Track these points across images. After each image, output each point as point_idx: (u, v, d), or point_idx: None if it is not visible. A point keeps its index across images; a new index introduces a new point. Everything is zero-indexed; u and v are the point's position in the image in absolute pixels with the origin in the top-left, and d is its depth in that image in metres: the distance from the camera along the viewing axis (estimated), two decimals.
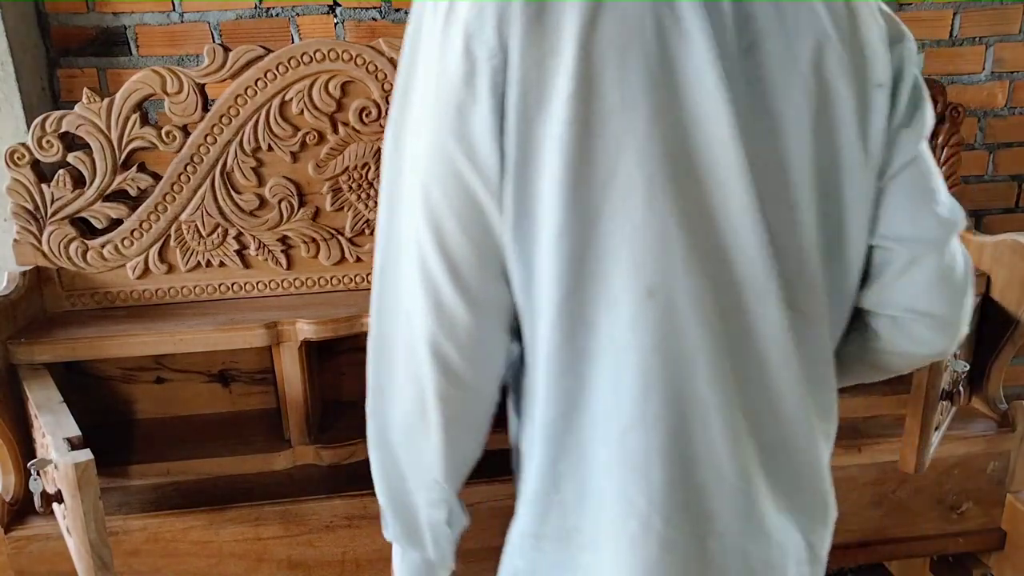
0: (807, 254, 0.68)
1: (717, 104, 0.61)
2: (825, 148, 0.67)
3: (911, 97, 0.71)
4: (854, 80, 0.67)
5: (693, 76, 0.61)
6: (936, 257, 0.72)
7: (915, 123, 0.71)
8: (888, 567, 1.91)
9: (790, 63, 0.64)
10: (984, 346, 1.54)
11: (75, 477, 1.01)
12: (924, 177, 0.72)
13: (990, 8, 1.79)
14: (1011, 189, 1.94)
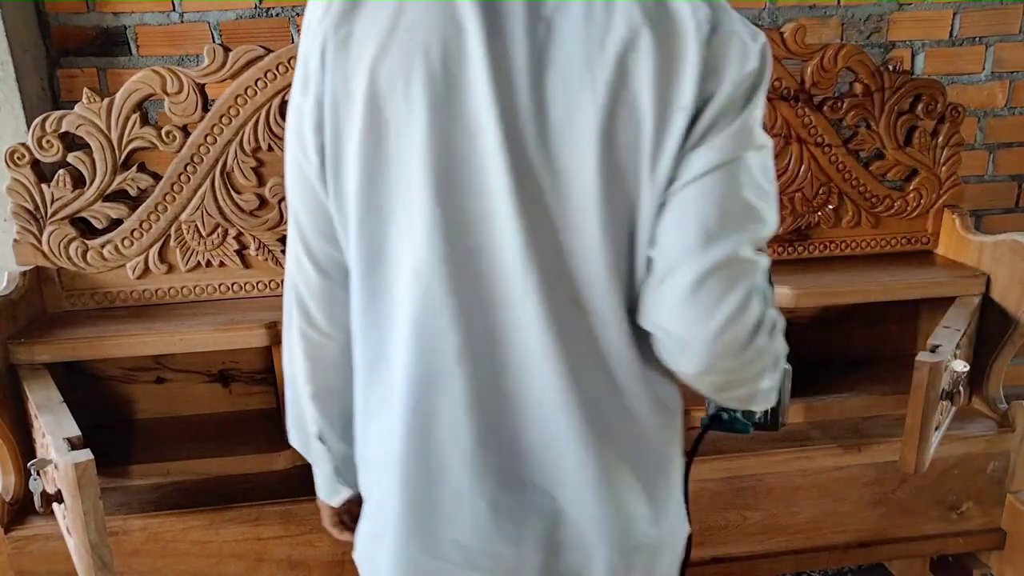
0: (589, 256, 0.73)
1: (488, 119, 0.69)
2: (613, 159, 0.70)
3: (715, 118, 0.70)
4: (658, 100, 0.68)
5: (471, 94, 0.70)
6: (687, 275, 0.70)
7: (710, 142, 0.70)
8: (888, 567, 1.91)
9: (586, 75, 0.68)
10: (984, 346, 1.55)
11: (75, 477, 1.01)
12: (705, 196, 0.70)
13: (990, 8, 1.79)
14: (1011, 189, 1.94)
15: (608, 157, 0.70)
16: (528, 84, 0.69)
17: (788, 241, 1.63)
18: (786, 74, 1.53)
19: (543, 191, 0.71)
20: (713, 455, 1.45)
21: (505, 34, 0.69)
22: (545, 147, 0.70)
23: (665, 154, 0.69)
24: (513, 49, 0.69)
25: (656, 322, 0.74)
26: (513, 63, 0.69)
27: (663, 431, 0.82)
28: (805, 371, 1.68)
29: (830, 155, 1.58)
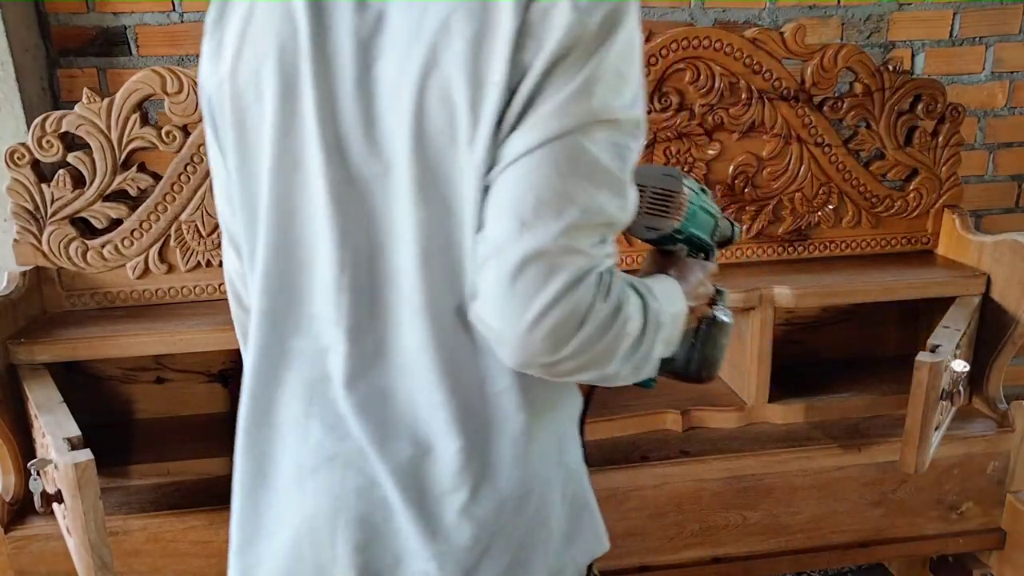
0: (401, 250, 0.71)
1: (311, 121, 0.70)
2: (426, 150, 0.67)
3: (533, 91, 0.64)
4: (469, 79, 0.64)
5: (302, 95, 0.70)
6: (500, 267, 0.65)
7: (530, 119, 0.64)
8: (888, 567, 1.91)
9: (404, 63, 0.67)
10: (984, 346, 1.55)
11: (75, 477, 1.01)
12: (520, 180, 0.64)
13: (990, 8, 1.79)
14: (1011, 189, 1.94)
15: (420, 148, 0.67)
16: (354, 78, 0.69)
17: (788, 241, 1.63)
18: (786, 74, 1.53)
19: (370, 191, 0.71)
20: (713, 455, 1.45)
21: (331, 29, 0.69)
22: (372, 143, 0.70)
23: (480, 136, 0.65)
24: (339, 43, 0.69)
25: (475, 313, 0.69)
26: (338, 58, 0.69)
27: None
28: (805, 371, 1.69)
29: (830, 155, 1.58)
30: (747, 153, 1.56)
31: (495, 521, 0.75)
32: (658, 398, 1.59)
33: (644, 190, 0.87)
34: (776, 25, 1.69)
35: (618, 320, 0.68)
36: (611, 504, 1.42)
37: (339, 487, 0.74)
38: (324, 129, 0.70)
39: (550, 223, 0.64)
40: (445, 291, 0.71)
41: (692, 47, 1.48)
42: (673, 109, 1.51)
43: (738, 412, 1.54)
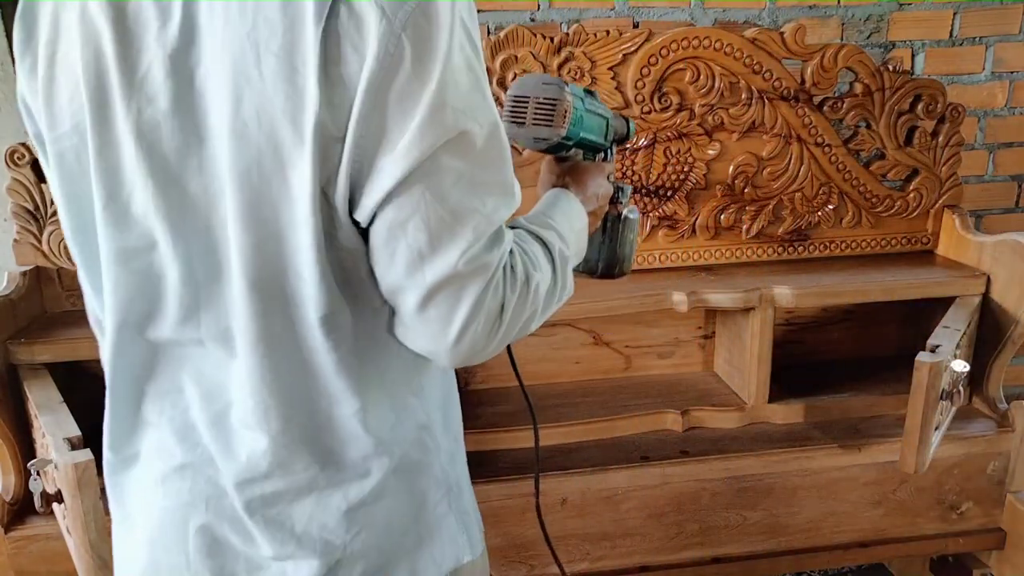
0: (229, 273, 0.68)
1: (128, 139, 0.65)
2: (250, 164, 0.62)
3: (366, 114, 0.59)
4: (287, 93, 0.60)
5: (114, 114, 0.65)
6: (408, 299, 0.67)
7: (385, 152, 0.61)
8: (888, 567, 1.91)
9: (219, 73, 0.62)
10: (984, 346, 1.55)
11: (75, 477, 1.01)
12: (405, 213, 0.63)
13: (990, 8, 1.79)
14: (1011, 189, 1.94)
15: (243, 170, 0.62)
16: (172, 96, 0.63)
17: (788, 241, 1.63)
18: (786, 74, 1.53)
19: (207, 214, 0.66)
20: (713, 455, 1.45)
21: (138, 44, 0.63)
22: (200, 163, 0.65)
23: (305, 156, 0.61)
24: (151, 60, 0.63)
25: (399, 336, 0.71)
26: (152, 75, 0.63)
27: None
28: (805, 371, 1.69)
29: (830, 155, 1.58)
30: (747, 153, 1.56)
31: (347, 528, 0.74)
32: (658, 398, 1.60)
33: (527, 101, 0.86)
34: (776, 25, 1.69)
35: (530, 293, 0.71)
36: (611, 504, 1.42)
37: (188, 494, 0.74)
38: (143, 151, 0.64)
39: (448, 251, 0.64)
40: (277, 320, 0.68)
41: (692, 47, 1.48)
42: (673, 109, 1.51)
43: (738, 412, 1.54)
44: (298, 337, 0.69)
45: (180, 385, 0.75)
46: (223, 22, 0.61)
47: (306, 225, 0.63)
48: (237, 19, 0.60)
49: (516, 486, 1.37)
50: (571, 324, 1.65)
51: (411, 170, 0.61)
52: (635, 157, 1.53)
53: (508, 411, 1.54)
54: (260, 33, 0.60)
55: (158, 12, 0.63)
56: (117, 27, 0.63)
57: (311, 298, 0.67)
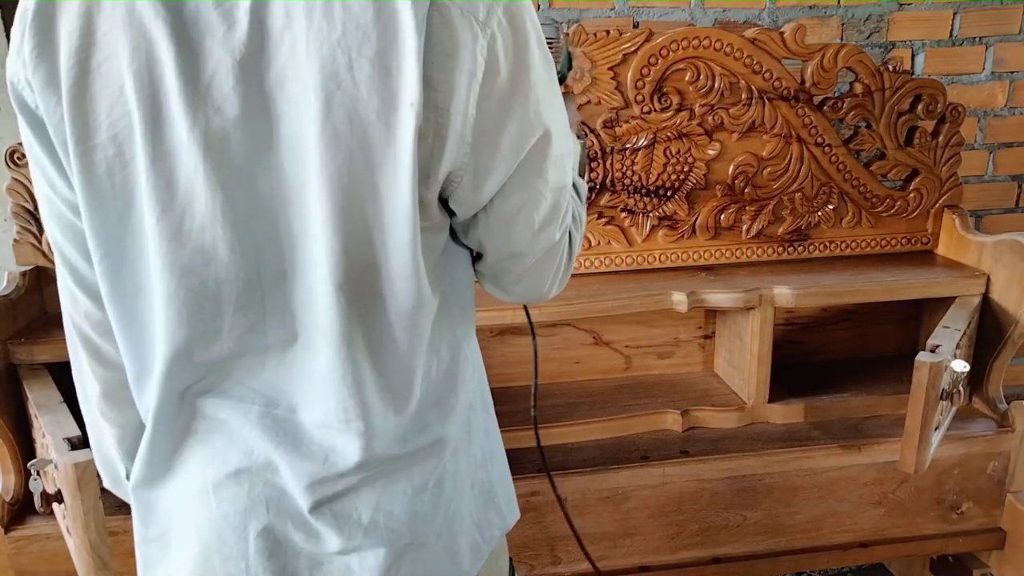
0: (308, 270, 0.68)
1: (191, 145, 0.63)
2: (339, 167, 0.63)
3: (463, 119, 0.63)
4: (382, 97, 0.61)
5: (172, 124, 0.63)
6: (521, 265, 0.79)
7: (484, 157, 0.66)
8: (888, 567, 1.91)
9: (293, 76, 0.62)
10: (984, 346, 1.55)
11: (75, 477, 1.01)
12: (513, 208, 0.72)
13: (990, 8, 1.79)
14: (1011, 189, 1.94)
15: (333, 172, 0.63)
16: (239, 103, 0.62)
17: (788, 241, 1.63)
18: (786, 74, 1.53)
19: (276, 216, 0.66)
20: (713, 455, 1.45)
21: (201, 50, 0.62)
22: (272, 168, 0.65)
23: (401, 158, 0.62)
24: (216, 66, 0.62)
25: (501, 291, 0.84)
26: (216, 81, 0.62)
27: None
28: (805, 371, 1.69)
29: (830, 155, 1.58)
30: (747, 153, 1.56)
31: (412, 513, 0.76)
32: (658, 398, 1.60)
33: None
34: (776, 25, 1.69)
35: (580, 236, 0.84)
36: (611, 504, 1.42)
37: (247, 499, 0.74)
38: (211, 162, 0.63)
39: (552, 225, 0.75)
40: (361, 316, 0.69)
41: (692, 47, 1.48)
42: (673, 109, 1.51)
43: (738, 412, 1.54)
44: (383, 334, 0.71)
45: (236, 394, 0.73)
46: (306, 28, 0.61)
47: (405, 223, 0.65)
48: (324, 25, 0.61)
49: (516, 486, 1.37)
50: (571, 324, 1.65)
51: (516, 166, 0.68)
52: (635, 157, 1.53)
53: (508, 411, 1.54)
54: (352, 39, 0.61)
55: (221, 15, 0.62)
56: (176, 32, 0.61)
57: (404, 292, 0.69)
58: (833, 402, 1.57)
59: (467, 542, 0.82)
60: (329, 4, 0.61)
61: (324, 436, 0.72)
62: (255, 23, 0.62)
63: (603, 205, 1.55)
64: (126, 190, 0.66)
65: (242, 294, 0.68)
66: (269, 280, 0.69)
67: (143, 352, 0.73)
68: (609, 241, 1.57)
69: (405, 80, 0.61)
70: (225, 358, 0.71)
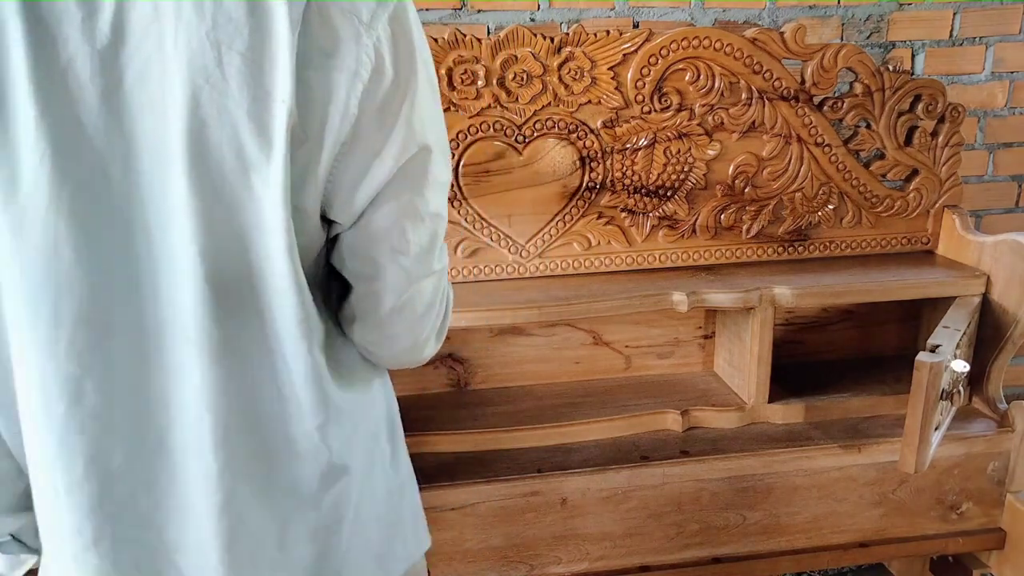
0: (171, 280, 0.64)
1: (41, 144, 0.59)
2: (208, 168, 0.60)
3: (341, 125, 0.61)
4: (252, 94, 0.59)
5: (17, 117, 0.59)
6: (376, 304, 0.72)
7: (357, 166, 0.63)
8: (888, 567, 1.91)
9: (160, 72, 0.59)
10: (984, 346, 1.55)
11: None
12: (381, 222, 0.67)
13: (990, 8, 1.79)
14: (1011, 189, 1.94)
15: (200, 174, 0.60)
16: (99, 96, 0.59)
17: (788, 241, 1.63)
18: (786, 74, 1.53)
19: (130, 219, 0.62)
20: (713, 455, 1.45)
21: (58, 39, 0.58)
22: (130, 169, 0.61)
23: (275, 158, 0.60)
24: (73, 56, 0.59)
25: (354, 338, 0.74)
26: (72, 72, 0.59)
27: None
28: (805, 371, 1.69)
29: (830, 155, 1.58)
30: (747, 153, 1.56)
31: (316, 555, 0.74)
32: (658, 398, 1.60)
33: None
34: (776, 25, 1.69)
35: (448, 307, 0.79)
36: (611, 504, 1.42)
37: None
38: (59, 155, 0.59)
39: (428, 255, 0.70)
40: (243, 328, 0.65)
41: (692, 47, 1.48)
42: (673, 109, 1.51)
43: (738, 412, 1.54)
44: (267, 347, 0.66)
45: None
46: (174, 20, 0.58)
47: (277, 226, 0.61)
48: (194, 18, 0.58)
49: (516, 486, 1.37)
50: (571, 324, 1.65)
51: (394, 175, 0.64)
52: (635, 157, 1.53)
53: (508, 411, 1.54)
54: (222, 32, 0.58)
55: (80, 2, 0.58)
56: (28, 14, 0.57)
57: (285, 304, 0.64)
58: (833, 402, 1.57)
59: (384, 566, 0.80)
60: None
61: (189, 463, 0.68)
62: (119, 12, 0.59)
63: (603, 205, 1.55)
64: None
65: (85, 303, 0.62)
66: (120, 291, 0.63)
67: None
68: (609, 241, 1.57)
69: (278, 76, 0.58)
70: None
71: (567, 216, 1.54)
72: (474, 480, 1.35)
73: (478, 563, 1.39)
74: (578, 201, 1.54)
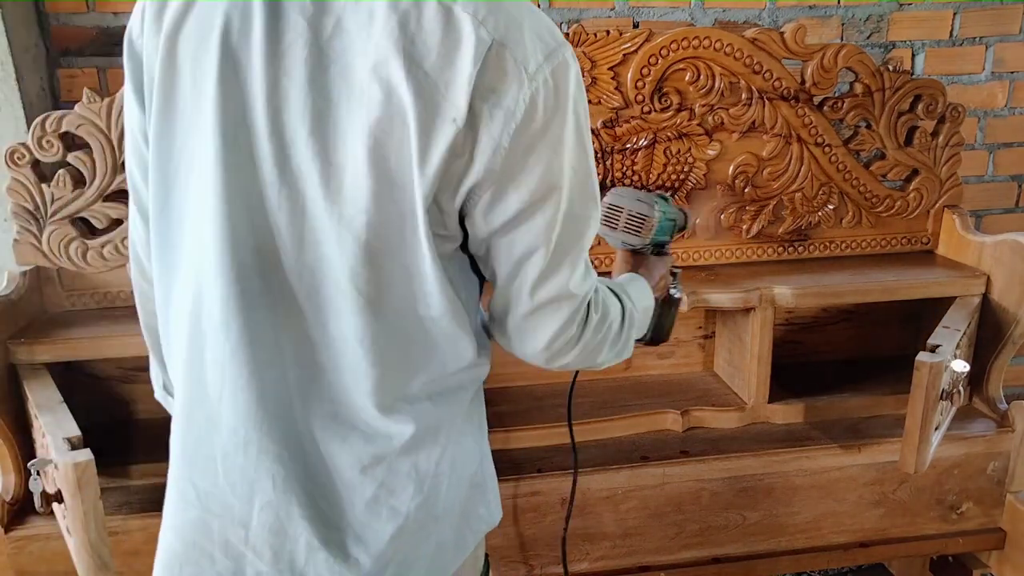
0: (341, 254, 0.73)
1: (258, 99, 0.71)
2: (384, 167, 0.70)
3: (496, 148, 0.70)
4: (428, 105, 0.68)
5: (250, 80, 0.71)
6: (517, 306, 0.80)
7: (512, 180, 0.72)
8: (888, 567, 1.91)
9: (364, 78, 0.69)
10: (984, 346, 1.55)
11: (75, 477, 1.01)
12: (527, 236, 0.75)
13: (990, 8, 1.79)
14: (1011, 189, 1.94)
15: (379, 158, 0.70)
16: (307, 77, 0.70)
17: (788, 241, 1.63)
18: (786, 74, 1.53)
19: (306, 183, 0.72)
20: (713, 455, 1.45)
21: (287, 22, 0.70)
22: (319, 141, 0.71)
23: (431, 164, 0.69)
24: (294, 39, 0.70)
25: (499, 342, 0.86)
26: (292, 53, 0.70)
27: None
28: (805, 371, 1.69)
29: (830, 155, 1.58)
30: (747, 153, 1.56)
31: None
32: (658, 398, 1.60)
33: (620, 211, 1.06)
34: (776, 25, 1.69)
35: (603, 328, 0.85)
36: (611, 504, 1.42)
37: (253, 472, 0.78)
38: (271, 118, 0.71)
39: (558, 276, 0.77)
40: (392, 292, 0.75)
41: (692, 47, 1.48)
42: (673, 109, 1.51)
43: (738, 412, 1.54)
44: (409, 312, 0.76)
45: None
46: (382, 26, 0.68)
47: (421, 217, 0.71)
48: (396, 30, 0.68)
49: (516, 486, 1.38)
50: None
51: (532, 203, 0.73)
52: (635, 157, 1.53)
53: (508, 411, 1.54)
54: (418, 51, 0.68)
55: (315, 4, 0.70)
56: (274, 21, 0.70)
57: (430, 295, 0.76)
58: (833, 402, 1.57)
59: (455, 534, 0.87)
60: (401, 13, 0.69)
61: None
62: (342, 12, 0.69)
63: None
64: (193, 124, 0.73)
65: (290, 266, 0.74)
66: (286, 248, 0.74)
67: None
68: None
69: (453, 98, 0.68)
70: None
71: None
72: None
73: None
74: None
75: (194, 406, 0.79)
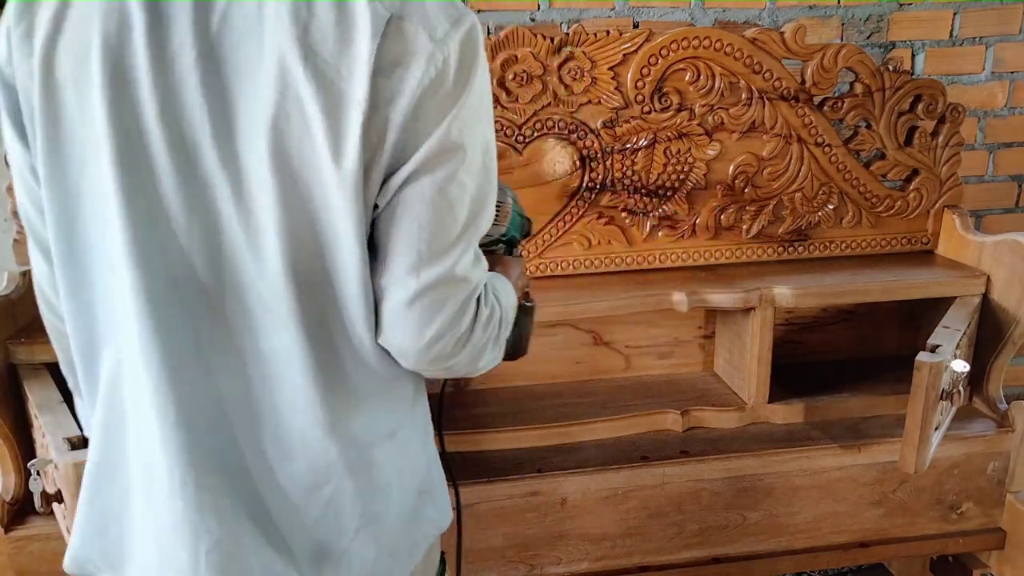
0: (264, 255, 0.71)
1: (151, 113, 0.67)
2: (286, 160, 0.67)
3: (404, 125, 0.67)
4: (329, 92, 0.66)
5: (138, 91, 0.67)
6: (399, 296, 0.73)
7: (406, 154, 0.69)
8: (888, 567, 1.91)
9: (255, 65, 0.66)
10: (984, 346, 1.55)
11: (75, 477, 1.01)
12: (411, 214, 0.71)
13: (990, 8, 1.79)
14: (1011, 189, 1.94)
15: (281, 158, 0.67)
16: (199, 80, 0.66)
17: (788, 241, 1.63)
18: (786, 74, 1.53)
19: (218, 195, 0.69)
20: (713, 455, 1.45)
21: (171, 25, 0.67)
22: (224, 147, 0.68)
23: (347, 153, 0.66)
24: (181, 41, 0.66)
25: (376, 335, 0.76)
26: (181, 56, 0.67)
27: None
28: (805, 371, 1.69)
29: (830, 155, 1.58)
30: (747, 153, 1.56)
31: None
32: (658, 398, 1.60)
33: None
34: (776, 25, 1.69)
35: (490, 326, 0.80)
36: (611, 504, 1.42)
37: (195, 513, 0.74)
38: (169, 130, 0.67)
39: (443, 257, 0.72)
40: (312, 300, 0.72)
41: (692, 47, 1.48)
42: (673, 109, 1.51)
43: (738, 412, 1.54)
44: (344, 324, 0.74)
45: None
46: (274, 22, 0.66)
47: (351, 220, 0.68)
48: (289, 22, 0.65)
49: (516, 486, 1.38)
50: (571, 324, 1.65)
51: (427, 161, 0.69)
52: (635, 157, 1.53)
53: (508, 411, 1.54)
54: (313, 38, 0.65)
55: (195, 6, 0.66)
56: (149, 5, 0.66)
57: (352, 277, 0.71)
58: (833, 402, 1.57)
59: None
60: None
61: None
62: (227, 10, 0.67)
63: (603, 205, 1.55)
64: (86, 147, 0.69)
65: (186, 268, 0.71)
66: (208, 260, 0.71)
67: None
68: (609, 241, 1.57)
69: (356, 81, 0.65)
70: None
71: (567, 216, 1.54)
72: (474, 480, 1.35)
73: (478, 563, 1.39)
74: (578, 201, 1.54)
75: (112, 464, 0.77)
